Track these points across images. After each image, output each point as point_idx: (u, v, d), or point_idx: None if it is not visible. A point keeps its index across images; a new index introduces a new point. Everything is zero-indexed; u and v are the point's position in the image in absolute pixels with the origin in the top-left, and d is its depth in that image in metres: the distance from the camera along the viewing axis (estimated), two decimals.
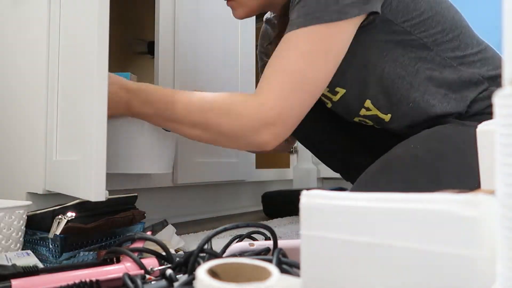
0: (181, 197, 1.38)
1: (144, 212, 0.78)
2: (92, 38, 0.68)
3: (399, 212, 0.26)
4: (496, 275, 0.22)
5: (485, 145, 0.43)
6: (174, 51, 1.26)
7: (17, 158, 0.99)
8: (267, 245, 0.54)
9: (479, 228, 0.23)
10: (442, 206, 0.24)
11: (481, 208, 0.23)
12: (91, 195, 0.66)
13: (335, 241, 0.29)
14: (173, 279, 0.46)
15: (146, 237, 0.58)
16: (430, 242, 0.25)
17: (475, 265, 0.23)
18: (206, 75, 1.36)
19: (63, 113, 0.86)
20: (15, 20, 1.02)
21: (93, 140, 0.66)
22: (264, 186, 1.77)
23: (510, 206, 0.20)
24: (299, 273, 0.36)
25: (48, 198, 0.96)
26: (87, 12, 0.71)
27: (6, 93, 1.04)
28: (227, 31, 1.44)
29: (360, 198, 0.28)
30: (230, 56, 1.47)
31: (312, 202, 0.31)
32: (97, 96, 0.66)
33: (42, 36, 0.92)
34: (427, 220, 0.25)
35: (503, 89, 0.21)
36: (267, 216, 1.49)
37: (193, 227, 1.20)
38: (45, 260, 0.66)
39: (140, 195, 0.83)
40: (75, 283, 0.46)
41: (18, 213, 0.66)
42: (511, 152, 0.20)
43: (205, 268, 0.27)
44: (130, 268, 0.52)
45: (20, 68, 1.00)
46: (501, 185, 0.21)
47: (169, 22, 1.26)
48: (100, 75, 0.67)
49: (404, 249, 0.26)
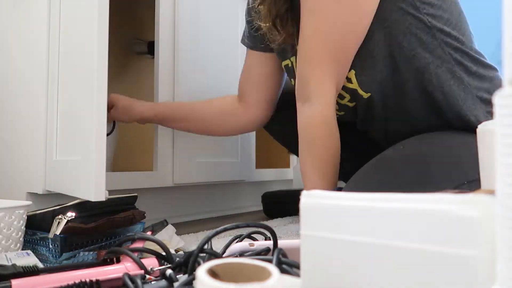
0: (181, 197, 1.38)
1: (144, 212, 0.78)
2: (92, 38, 0.68)
3: (399, 212, 0.26)
4: (496, 275, 0.22)
5: (485, 145, 0.43)
6: (174, 51, 1.26)
7: (17, 158, 0.99)
8: (267, 245, 0.54)
9: (479, 228, 0.23)
10: (442, 206, 0.24)
11: (481, 208, 0.23)
12: (91, 195, 0.66)
13: (335, 241, 0.29)
14: (173, 279, 0.46)
15: (146, 237, 0.58)
16: (430, 242, 0.25)
17: (475, 265, 0.23)
18: (206, 75, 1.36)
19: (63, 113, 0.86)
20: (15, 21, 1.02)
21: (93, 140, 0.66)
22: (264, 186, 1.77)
23: (510, 206, 0.20)
24: (299, 273, 0.36)
25: (48, 198, 0.96)
26: (87, 12, 0.71)
27: (6, 93, 1.04)
28: (227, 31, 1.44)
29: (360, 198, 0.28)
30: (230, 56, 1.47)
31: (312, 202, 0.31)
32: (97, 96, 0.66)
33: (42, 36, 0.92)
34: (427, 220, 0.25)
35: (503, 89, 0.21)
36: (267, 216, 1.49)
37: (193, 227, 1.20)
38: (45, 260, 0.66)
39: (140, 195, 0.83)
40: (75, 283, 0.46)
41: (18, 213, 0.66)
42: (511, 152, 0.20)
43: (205, 268, 0.27)
44: (130, 268, 0.51)
45: (20, 68, 1.00)
46: (501, 185, 0.21)
47: (169, 22, 1.26)
48: (100, 75, 0.67)
49: (404, 249, 0.26)
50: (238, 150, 1.50)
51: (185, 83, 1.28)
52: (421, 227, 0.25)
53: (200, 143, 1.32)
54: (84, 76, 0.72)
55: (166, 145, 1.23)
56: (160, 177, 1.21)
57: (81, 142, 0.72)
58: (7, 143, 1.03)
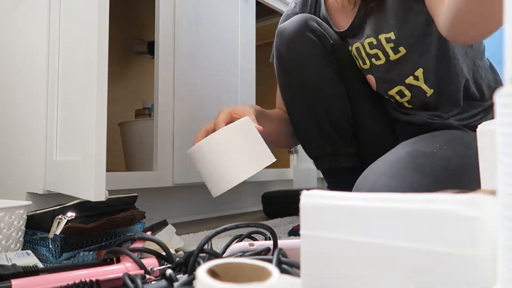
0: (181, 197, 1.38)
1: (144, 212, 0.78)
2: (92, 38, 0.68)
3: (400, 212, 0.26)
4: (497, 276, 0.22)
5: (485, 145, 0.43)
6: (174, 51, 1.26)
7: (17, 158, 0.99)
8: (267, 245, 0.54)
9: (479, 228, 0.23)
10: (443, 206, 0.24)
11: (481, 208, 0.23)
12: (91, 195, 0.66)
13: (335, 241, 0.29)
14: (173, 279, 0.46)
15: (146, 237, 0.58)
16: (430, 242, 0.24)
17: (476, 265, 0.23)
18: (206, 75, 1.36)
19: (63, 113, 0.86)
20: (15, 21, 1.02)
21: (93, 140, 0.66)
22: (264, 186, 1.77)
23: (510, 206, 0.20)
24: (299, 273, 0.36)
25: (48, 198, 0.96)
26: (87, 12, 0.71)
27: (6, 94, 1.04)
28: (227, 31, 1.44)
29: (360, 198, 0.28)
30: (230, 56, 1.47)
31: (312, 202, 0.31)
32: (97, 96, 0.66)
33: (42, 36, 0.92)
34: (427, 220, 0.25)
35: (504, 88, 0.21)
36: (267, 216, 1.49)
37: (193, 227, 1.20)
38: (45, 260, 0.66)
39: (140, 195, 0.83)
40: (75, 283, 0.45)
41: (18, 213, 0.66)
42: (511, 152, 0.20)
43: (205, 268, 0.27)
44: (130, 268, 0.51)
45: (20, 69, 1.00)
46: (501, 185, 0.21)
47: (169, 22, 1.26)
48: (100, 75, 0.67)
49: (404, 249, 0.25)
50: None
51: (185, 83, 1.28)
52: (421, 227, 0.25)
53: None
54: (84, 76, 0.72)
55: (166, 145, 1.23)
56: (160, 177, 1.21)
57: (81, 142, 0.72)
58: (7, 143, 1.03)
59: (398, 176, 0.69)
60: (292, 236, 1.02)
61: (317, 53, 0.91)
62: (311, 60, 0.92)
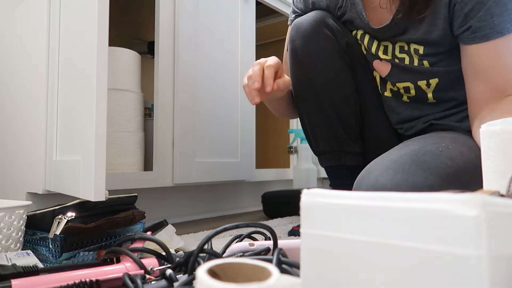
0: (181, 197, 1.38)
1: (144, 212, 0.78)
2: (92, 38, 0.68)
3: (400, 211, 0.26)
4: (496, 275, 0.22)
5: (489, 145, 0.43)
6: (174, 51, 1.26)
7: (17, 158, 0.99)
8: (267, 245, 0.54)
9: (479, 228, 0.23)
10: (442, 206, 0.24)
11: (481, 208, 0.23)
12: (91, 195, 0.66)
13: (335, 240, 0.29)
14: (173, 279, 0.46)
15: (146, 237, 0.58)
16: (430, 242, 0.24)
17: (475, 265, 0.23)
18: (206, 75, 1.36)
19: (63, 113, 0.86)
20: (15, 21, 1.02)
21: (93, 140, 0.66)
22: (264, 186, 1.78)
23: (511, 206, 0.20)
24: (299, 273, 0.36)
25: (48, 198, 0.96)
26: (87, 12, 0.71)
27: (6, 94, 1.04)
28: (227, 31, 1.44)
29: (361, 197, 0.28)
30: (230, 56, 1.47)
31: (313, 200, 0.31)
32: (97, 96, 0.66)
33: (42, 36, 0.92)
34: (427, 220, 0.25)
35: None
36: (267, 216, 1.49)
37: (193, 227, 1.20)
38: (45, 260, 0.66)
39: (140, 195, 0.83)
40: (75, 283, 0.46)
41: (18, 213, 0.66)
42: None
43: (205, 268, 0.27)
44: (130, 268, 0.51)
45: (20, 68, 1.00)
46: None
47: (169, 22, 1.26)
48: (100, 75, 0.67)
49: (404, 248, 0.25)
50: (238, 150, 1.50)
51: (185, 83, 1.28)
52: (421, 227, 0.25)
53: (200, 143, 1.33)
54: (84, 76, 0.72)
55: (166, 145, 1.23)
56: (160, 177, 1.22)
57: (81, 142, 0.72)
58: (7, 144, 1.03)
59: (403, 171, 0.68)
60: (292, 236, 1.02)
61: (332, 49, 0.92)
62: (326, 55, 0.92)
